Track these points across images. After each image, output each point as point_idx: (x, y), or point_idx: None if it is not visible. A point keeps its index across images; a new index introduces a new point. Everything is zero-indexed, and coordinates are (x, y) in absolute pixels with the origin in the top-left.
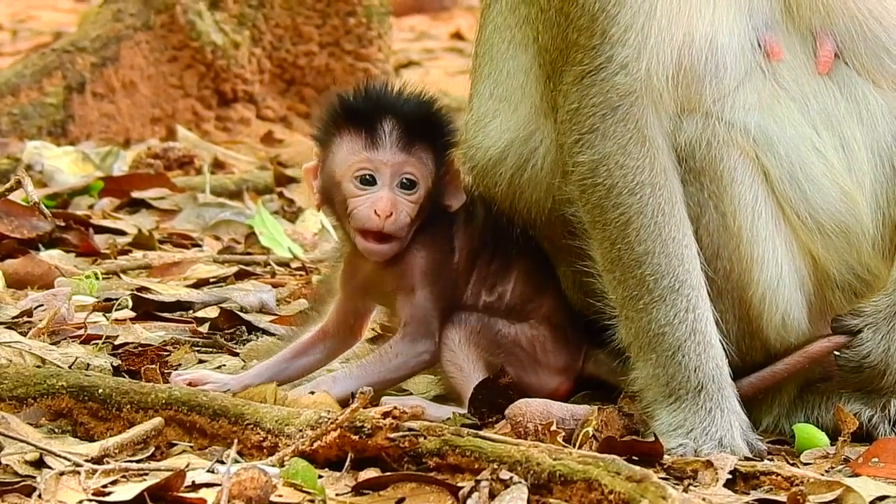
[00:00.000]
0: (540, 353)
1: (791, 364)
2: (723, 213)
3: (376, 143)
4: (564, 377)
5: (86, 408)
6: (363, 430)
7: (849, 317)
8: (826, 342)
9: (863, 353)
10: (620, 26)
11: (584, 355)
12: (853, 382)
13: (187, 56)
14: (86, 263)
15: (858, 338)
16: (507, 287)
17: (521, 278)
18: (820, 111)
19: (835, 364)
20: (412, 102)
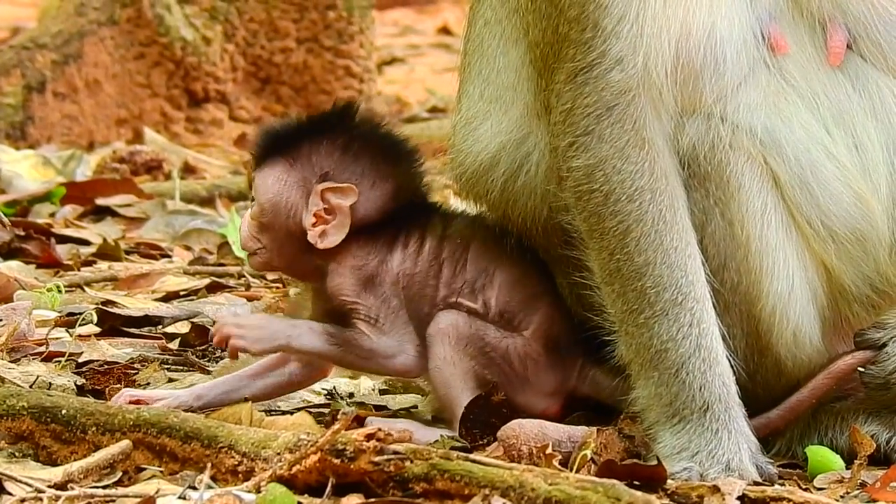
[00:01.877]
0: (531, 373)
1: (816, 387)
2: (730, 221)
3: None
4: (554, 399)
5: (48, 430)
6: (345, 454)
7: (872, 330)
8: (850, 358)
9: (889, 367)
10: (613, 17)
11: (578, 374)
12: (880, 401)
13: (155, 53)
14: (47, 275)
15: (884, 352)
16: (490, 294)
17: (507, 286)
18: (831, 108)
19: (860, 382)
20: (288, 120)
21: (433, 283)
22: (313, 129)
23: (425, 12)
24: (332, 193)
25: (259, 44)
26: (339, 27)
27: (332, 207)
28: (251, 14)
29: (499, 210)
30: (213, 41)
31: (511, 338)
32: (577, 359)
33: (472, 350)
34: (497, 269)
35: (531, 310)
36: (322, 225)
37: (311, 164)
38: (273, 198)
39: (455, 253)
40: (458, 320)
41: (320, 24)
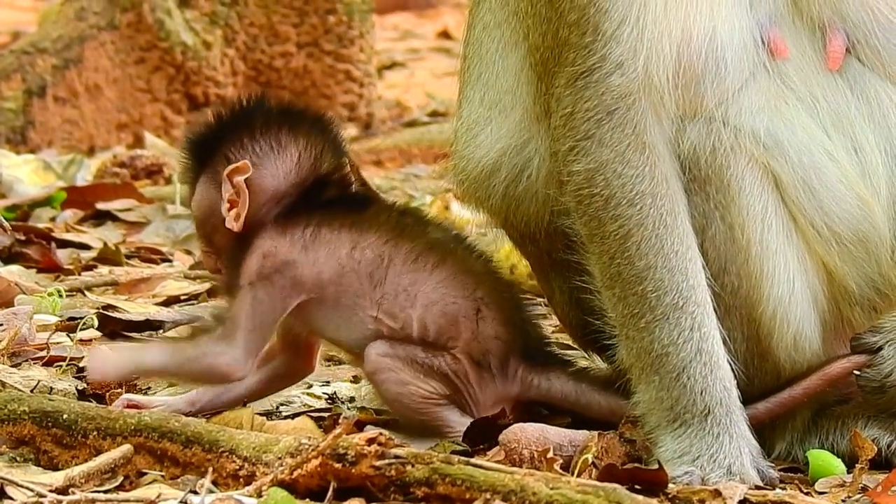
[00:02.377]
0: (468, 386)
1: (809, 386)
2: (730, 225)
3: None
4: (500, 406)
5: (49, 434)
6: (346, 458)
7: (868, 334)
8: (845, 362)
9: (885, 371)
10: (613, 21)
11: (521, 383)
12: (876, 404)
13: (155, 57)
14: (48, 280)
15: (879, 356)
16: (411, 314)
17: (428, 308)
18: (830, 112)
19: (856, 385)
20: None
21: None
22: (220, 127)
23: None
24: (234, 174)
25: (259, 48)
26: (340, 31)
27: (237, 188)
28: (251, 18)
29: (500, 215)
30: (214, 46)
31: (440, 356)
32: (517, 368)
33: (411, 373)
34: (419, 290)
35: (454, 329)
36: (235, 209)
37: (217, 157)
38: (198, 204)
39: (377, 262)
40: (387, 350)
41: (320, 28)
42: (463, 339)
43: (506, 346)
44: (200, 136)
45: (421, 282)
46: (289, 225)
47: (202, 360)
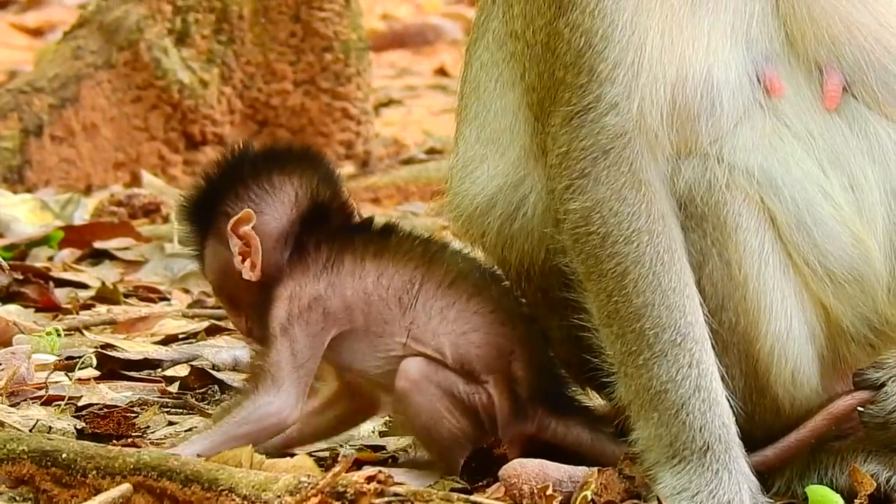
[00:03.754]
0: (493, 423)
1: (816, 426)
2: (727, 262)
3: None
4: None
5: (49, 474)
6: (346, 496)
7: (871, 370)
8: (849, 399)
9: (889, 407)
10: (609, 63)
11: (539, 424)
12: (879, 440)
13: (152, 96)
14: (46, 319)
15: (883, 392)
16: (444, 342)
17: (466, 334)
18: (827, 149)
19: (859, 421)
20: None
21: (384, 315)
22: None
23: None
24: (238, 226)
25: (256, 86)
26: (336, 69)
27: (245, 238)
28: (248, 57)
29: (496, 252)
30: (210, 84)
31: (477, 392)
32: (537, 410)
33: (446, 406)
34: (455, 315)
35: (493, 363)
36: (248, 259)
37: (217, 216)
38: (211, 268)
39: (406, 287)
40: (427, 370)
41: (317, 66)
42: (497, 375)
43: (530, 388)
44: (193, 201)
45: (458, 307)
46: (308, 261)
47: (253, 415)
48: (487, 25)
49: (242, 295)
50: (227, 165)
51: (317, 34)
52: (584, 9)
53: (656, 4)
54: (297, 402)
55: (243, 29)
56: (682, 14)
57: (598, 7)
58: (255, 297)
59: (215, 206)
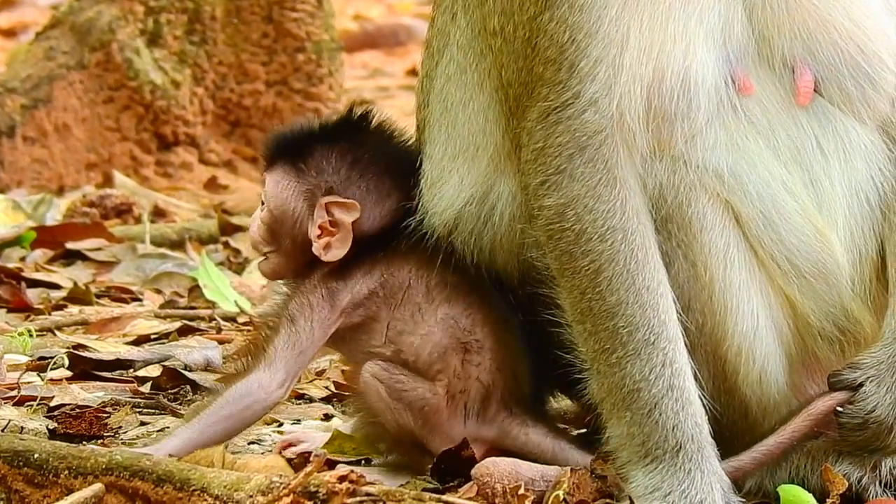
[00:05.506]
0: (437, 421)
1: (796, 430)
2: (693, 263)
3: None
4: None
5: (21, 474)
6: (318, 496)
7: (847, 371)
8: (828, 400)
9: (868, 407)
10: (590, 59)
11: (499, 430)
12: (857, 441)
13: (124, 97)
14: (18, 320)
15: (861, 392)
16: (411, 340)
17: (425, 337)
18: (790, 146)
19: (837, 423)
20: (301, 125)
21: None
22: (325, 138)
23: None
24: (337, 208)
25: (228, 87)
26: (309, 70)
27: (336, 221)
28: (220, 57)
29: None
30: (183, 84)
31: (419, 387)
32: (497, 414)
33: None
34: (422, 319)
35: (441, 363)
36: (327, 237)
37: (319, 176)
38: (281, 205)
39: (397, 289)
40: (377, 371)
41: (289, 66)
42: (447, 374)
43: (486, 390)
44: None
45: (426, 312)
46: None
47: (239, 391)
48: (448, 39)
49: (289, 245)
50: (357, 135)
51: (289, 35)
52: (573, 4)
53: (641, 3)
54: (284, 383)
55: (216, 30)
56: (665, 13)
57: (587, 3)
58: (301, 259)
59: (322, 161)
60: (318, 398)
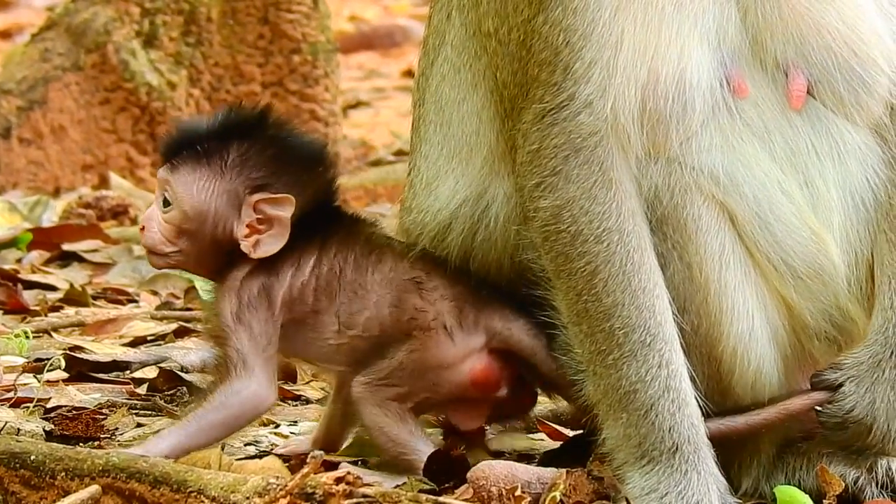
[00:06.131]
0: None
1: (768, 417)
2: (688, 264)
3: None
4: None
5: (17, 476)
6: (315, 497)
7: (828, 371)
8: (806, 398)
9: (846, 407)
10: (585, 61)
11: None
12: (837, 440)
13: (120, 98)
14: (14, 321)
15: (840, 392)
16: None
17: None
18: (786, 148)
19: (817, 422)
20: (214, 120)
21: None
22: (238, 136)
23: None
24: (268, 204)
25: (224, 88)
26: (304, 71)
27: (267, 218)
28: (216, 59)
29: (461, 264)
30: (179, 86)
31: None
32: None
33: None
34: (366, 292)
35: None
36: (255, 235)
37: (241, 175)
38: (199, 206)
39: (331, 276)
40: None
41: (285, 68)
42: (414, 314)
43: (456, 301)
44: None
45: (367, 284)
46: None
47: (230, 400)
48: (445, 39)
49: (206, 246)
50: (267, 130)
51: (285, 36)
52: (567, 6)
53: (636, 5)
54: (271, 384)
55: (211, 31)
56: (659, 16)
57: (581, 5)
58: (215, 258)
59: (242, 159)
60: (315, 399)
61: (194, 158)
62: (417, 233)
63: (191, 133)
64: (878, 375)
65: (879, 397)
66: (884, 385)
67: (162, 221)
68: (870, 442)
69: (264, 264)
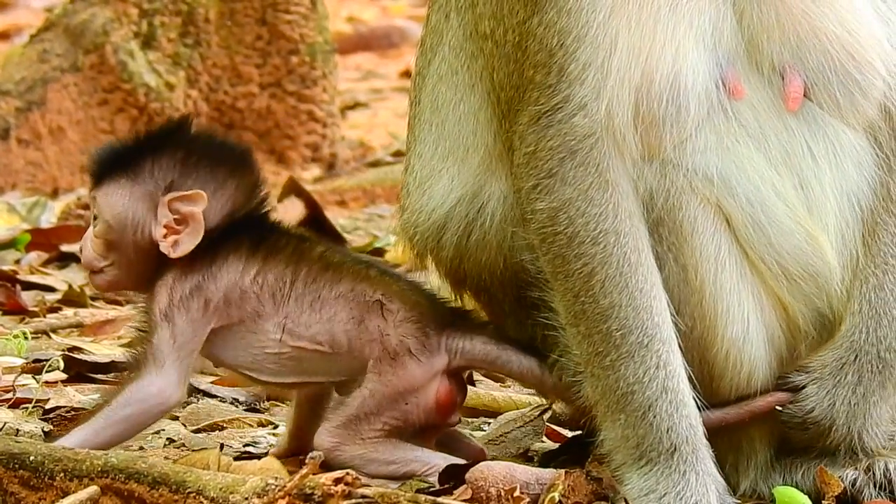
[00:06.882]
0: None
1: (728, 415)
2: (683, 266)
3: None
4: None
5: (16, 476)
6: (313, 498)
7: (794, 373)
8: (769, 397)
9: (806, 409)
10: (579, 63)
11: (447, 348)
12: (799, 440)
13: (118, 99)
14: (13, 322)
15: (803, 393)
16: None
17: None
18: (781, 150)
19: (780, 420)
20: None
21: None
22: (152, 145)
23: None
24: (181, 202)
25: (222, 89)
26: (302, 72)
27: (182, 216)
28: (214, 60)
29: (452, 265)
30: (177, 87)
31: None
32: (438, 338)
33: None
34: (322, 306)
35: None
36: (173, 235)
37: (153, 177)
38: (119, 214)
39: (278, 285)
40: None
41: (283, 69)
42: (376, 337)
43: (418, 323)
44: (131, 150)
45: (322, 298)
46: (197, 252)
47: (135, 396)
48: (442, 39)
49: (132, 254)
50: (182, 137)
51: (283, 37)
52: (561, 8)
53: (630, 7)
54: (180, 383)
55: (209, 32)
56: (654, 17)
57: (575, 7)
58: (143, 265)
59: (154, 164)
60: None
61: (114, 172)
62: (411, 232)
63: (110, 151)
64: (841, 379)
65: (839, 400)
66: (845, 388)
67: (92, 237)
68: (830, 443)
69: (200, 266)
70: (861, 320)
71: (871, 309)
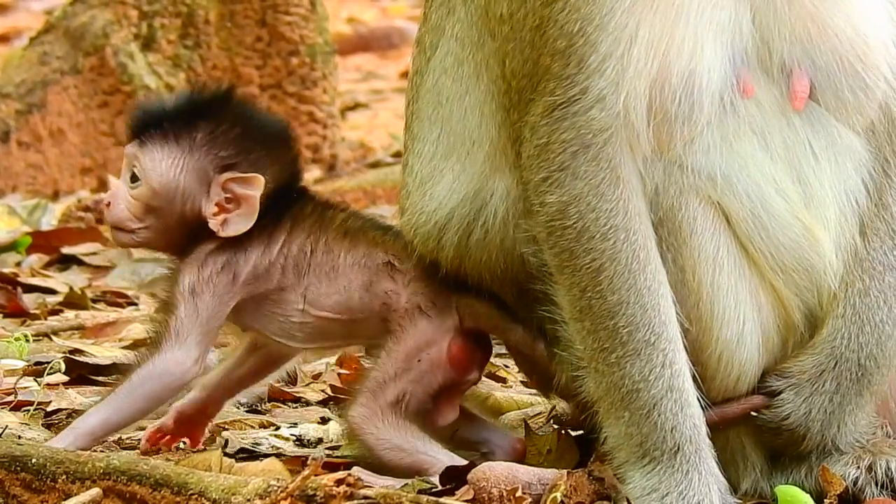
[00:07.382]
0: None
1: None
2: (682, 267)
3: (130, 135)
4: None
5: (18, 479)
6: (315, 499)
7: (773, 378)
8: (744, 402)
9: (781, 415)
10: (600, 53)
11: (457, 307)
12: (772, 445)
13: (119, 101)
14: (14, 325)
15: (779, 398)
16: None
17: (348, 287)
18: (783, 148)
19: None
20: (180, 97)
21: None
22: (205, 114)
23: (388, 57)
24: (237, 184)
25: None
26: (303, 73)
27: (235, 197)
28: (214, 61)
29: (453, 265)
30: (177, 88)
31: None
32: (447, 297)
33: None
34: (337, 275)
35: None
36: (223, 213)
37: (209, 152)
38: (168, 183)
39: (300, 256)
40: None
41: (283, 70)
42: (388, 298)
43: (428, 282)
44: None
45: (339, 267)
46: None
47: (155, 370)
48: (444, 33)
49: (172, 223)
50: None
51: (283, 38)
52: None
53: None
54: (199, 358)
55: (209, 33)
56: (676, 9)
57: None
58: (180, 234)
59: (210, 138)
60: (315, 401)
61: (163, 136)
62: (412, 234)
63: (158, 111)
64: (818, 386)
65: (816, 408)
66: (822, 396)
67: (129, 198)
68: (804, 449)
69: (231, 241)
70: (844, 325)
71: (854, 314)
